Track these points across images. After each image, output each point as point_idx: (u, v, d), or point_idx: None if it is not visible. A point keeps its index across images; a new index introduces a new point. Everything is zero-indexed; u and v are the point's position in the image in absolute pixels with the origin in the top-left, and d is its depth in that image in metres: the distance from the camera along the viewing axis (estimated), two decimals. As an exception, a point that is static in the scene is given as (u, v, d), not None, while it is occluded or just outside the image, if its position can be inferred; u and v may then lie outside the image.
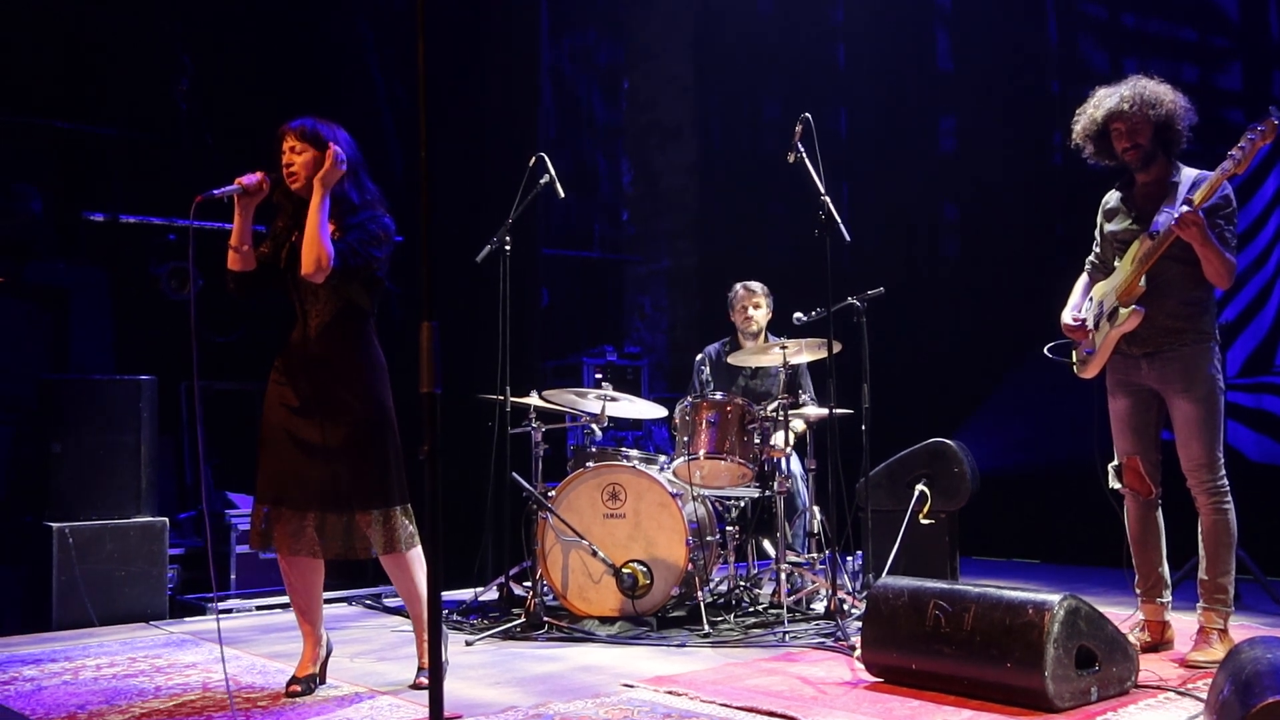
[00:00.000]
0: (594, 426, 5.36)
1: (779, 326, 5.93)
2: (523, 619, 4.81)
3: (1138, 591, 4.30)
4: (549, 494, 5.09)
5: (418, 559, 3.76)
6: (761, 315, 5.90)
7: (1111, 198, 4.29)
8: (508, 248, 5.13)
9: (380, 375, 3.73)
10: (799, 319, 5.38)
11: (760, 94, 9.02)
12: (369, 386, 3.68)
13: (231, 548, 5.72)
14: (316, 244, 3.53)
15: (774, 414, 5.17)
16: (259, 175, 3.62)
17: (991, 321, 7.25)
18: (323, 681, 3.83)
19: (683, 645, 4.50)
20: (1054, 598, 3.40)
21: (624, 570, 4.89)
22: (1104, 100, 4.11)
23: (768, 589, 5.33)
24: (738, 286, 5.96)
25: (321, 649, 3.85)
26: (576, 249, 9.31)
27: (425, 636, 3.83)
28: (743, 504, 5.60)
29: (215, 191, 3.51)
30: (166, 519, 5.47)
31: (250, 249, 3.68)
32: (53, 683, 3.98)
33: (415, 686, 3.79)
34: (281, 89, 6.77)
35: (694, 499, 5.13)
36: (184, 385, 6.87)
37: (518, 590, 5.32)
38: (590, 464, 5.10)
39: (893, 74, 8.13)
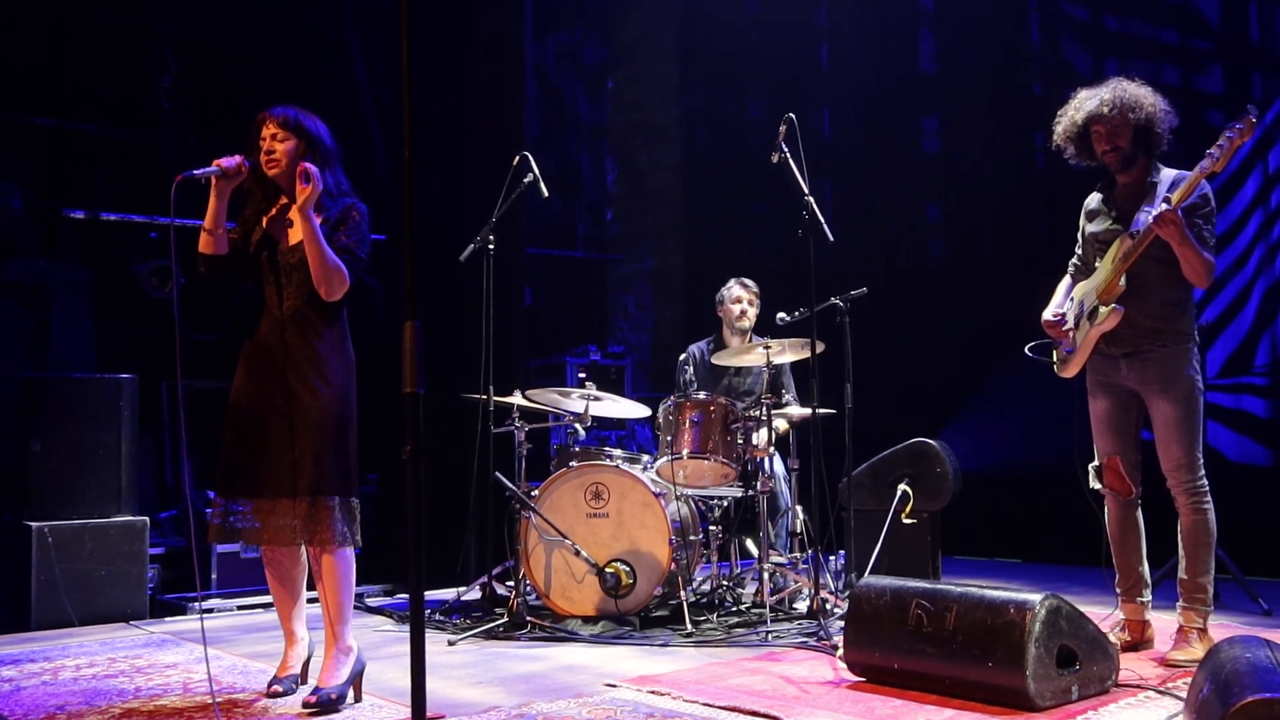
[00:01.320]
0: (577, 426, 5.36)
1: (762, 326, 5.93)
2: (505, 619, 4.80)
3: (1118, 591, 4.32)
4: (532, 493, 5.08)
5: (352, 559, 3.66)
6: (754, 312, 5.92)
7: (1093, 199, 4.32)
8: (491, 247, 5.12)
9: (348, 368, 3.69)
10: (782, 319, 5.39)
11: (744, 94, 9.03)
12: (335, 377, 3.62)
13: (212, 547, 5.69)
14: (327, 268, 3.53)
15: (757, 413, 5.18)
16: (238, 158, 3.60)
17: (974, 321, 7.28)
18: (304, 682, 3.80)
19: (665, 645, 4.50)
20: (1035, 597, 3.42)
21: (607, 570, 4.89)
22: (1084, 103, 4.13)
23: (751, 588, 5.34)
24: (732, 282, 5.97)
25: (302, 648, 3.82)
26: (560, 248, 9.30)
27: (334, 640, 3.62)
28: (726, 503, 5.61)
29: (194, 172, 3.49)
30: (147, 518, 5.44)
31: (224, 232, 3.66)
32: (31, 683, 3.95)
33: (305, 705, 3.50)
34: (265, 86, 6.75)
35: (677, 498, 5.13)
36: (165, 383, 6.84)
37: (500, 590, 5.32)
38: (573, 463, 5.10)
39: (876, 75, 8.15)
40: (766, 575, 4.99)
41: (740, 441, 5.16)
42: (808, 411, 5.08)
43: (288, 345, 3.61)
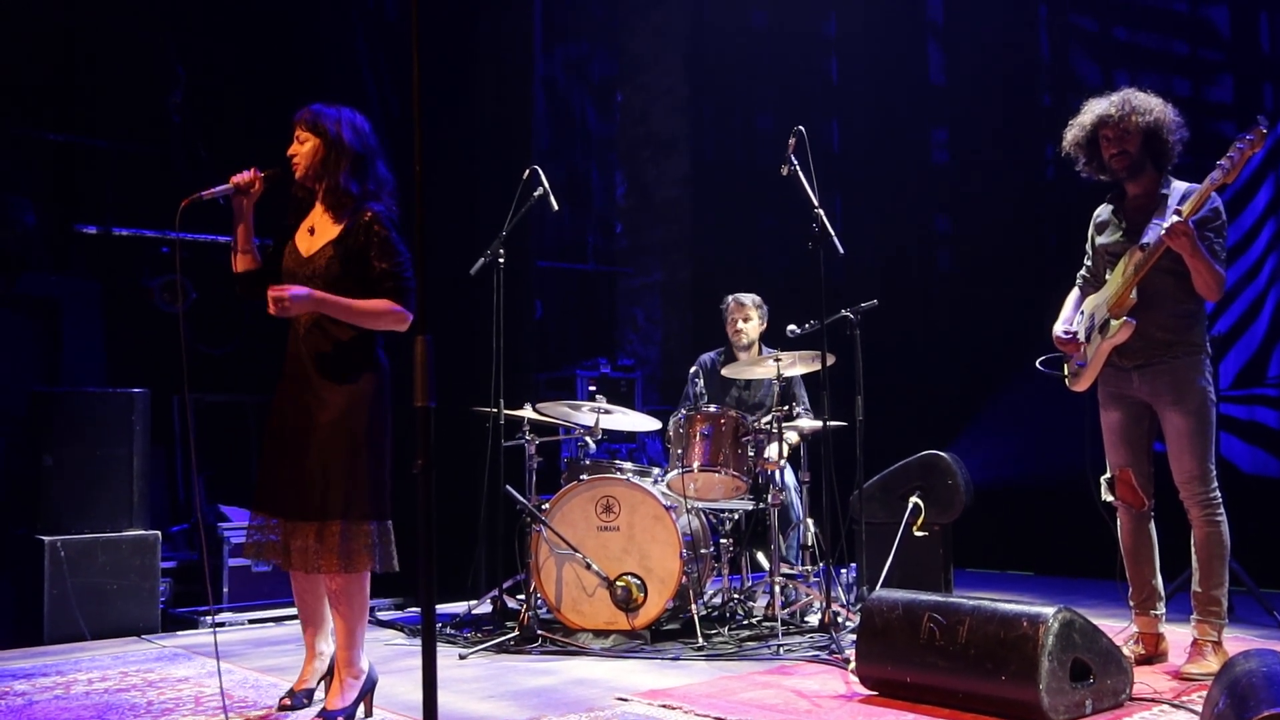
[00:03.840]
0: (588, 439, 5.35)
1: (773, 339, 5.93)
2: (516, 632, 4.80)
3: (1131, 604, 4.30)
4: (543, 507, 5.08)
5: (365, 582, 3.57)
6: (752, 328, 5.90)
7: (1103, 211, 4.31)
8: (501, 260, 5.13)
9: (373, 383, 3.55)
10: (793, 331, 5.39)
11: (753, 107, 9.04)
12: (354, 393, 3.49)
13: (224, 561, 5.69)
14: (371, 321, 3.47)
15: (768, 426, 5.17)
16: (250, 172, 3.54)
17: (984, 334, 7.26)
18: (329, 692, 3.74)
19: (676, 658, 4.49)
20: (1048, 610, 3.40)
21: (618, 583, 4.88)
22: (1093, 106, 4.15)
23: (762, 602, 5.33)
24: (728, 299, 5.97)
25: (322, 663, 3.76)
26: (570, 261, 9.32)
27: (345, 664, 3.56)
28: (737, 516, 5.59)
29: (204, 194, 3.41)
30: (159, 532, 5.44)
31: (252, 249, 3.60)
32: (44, 697, 3.96)
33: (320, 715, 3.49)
34: (274, 100, 6.77)
35: (688, 511, 5.12)
36: (176, 398, 6.86)
37: (511, 603, 5.31)
38: (584, 476, 5.09)
39: (885, 87, 8.15)
40: (778, 588, 4.97)
41: (751, 454, 5.15)
42: (818, 424, 5.07)
43: (307, 360, 3.52)
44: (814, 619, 5.05)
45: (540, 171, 5.17)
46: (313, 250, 3.55)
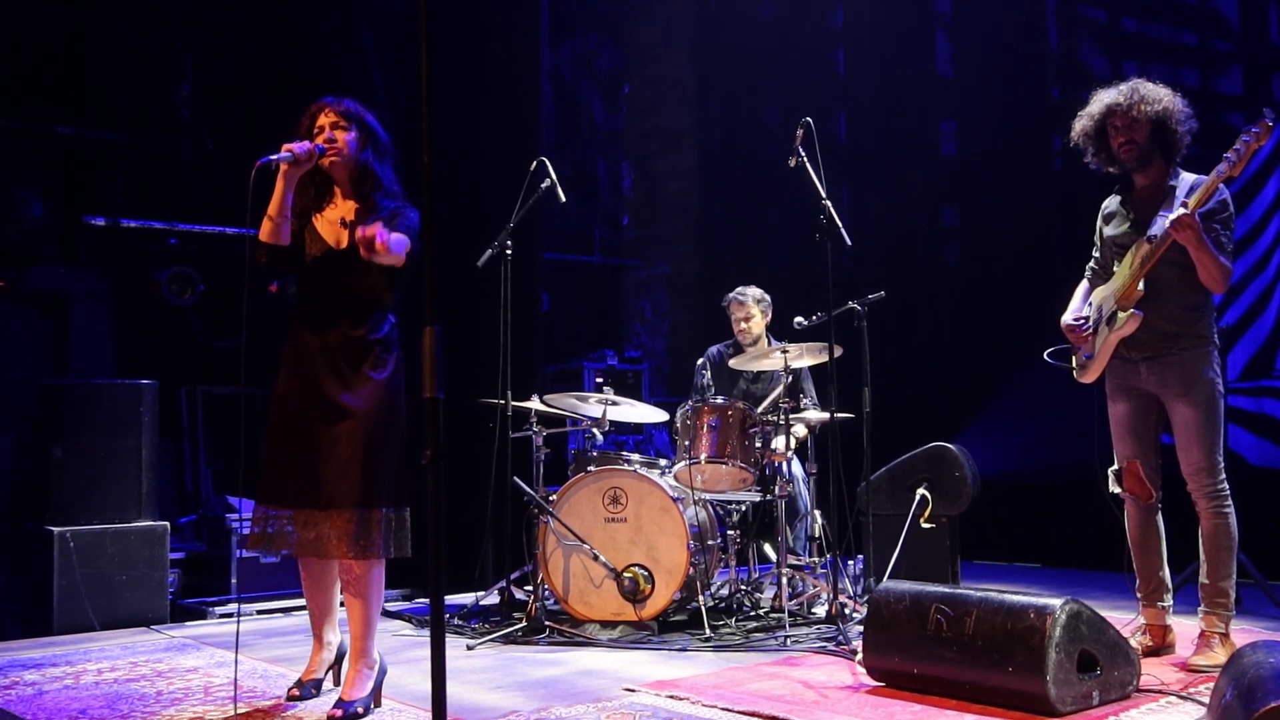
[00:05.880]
0: (595, 431, 5.36)
1: (780, 330, 5.92)
2: (524, 623, 4.81)
3: (1139, 596, 4.30)
4: (550, 498, 5.09)
5: (383, 571, 3.60)
6: (755, 325, 5.89)
7: (1111, 202, 4.30)
8: (509, 252, 5.13)
9: (394, 373, 3.57)
10: (800, 323, 5.38)
11: (760, 99, 9.03)
12: (379, 382, 3.52)
13: (232, 552, 5.71)
14: (388, 246, 3.38)
15: (775, 418, 5.17)
16: (309, 144, 3.49)
17: (992, 326, 7.25)
18: (336, 684, 3.74)
19: (684, 649, 4.50)
20: (1055, 602, 3.40)
21: (625, 574, 4.89)
22: (1102, 96, 4.14)
23: (769, 593, 5.33)
24: (729, 297, 5.95)
25: (330, 653, 3.78)
26: (577, 253, 9.32)
27: (360, 654, 3.59)
28: (744, 508, 5.60)
29: (270, 158, 3.38)
30: (167, 523, 5.46)
31: (288, 222, 3.53)
32: (54, 687, 3.98)
33: (330, 718, 3.45)
34: (282, 94, 6.78)
35: (695, 503, 5.13)
36: (184, 389, 6.88)
37: (519, 594, 5.32)
38: (591, 468, 5.10)
39: (893, 79, 8.13)
40: (785, 580, 4.98)
41: (758, 446, 5.15)
42: (825, 416, 5.07)
43: (330, 349, 3.51)
44: (821, 610, 5.05)
45: (547, 163, 5.17)
46: (344, 244, 3.57)
